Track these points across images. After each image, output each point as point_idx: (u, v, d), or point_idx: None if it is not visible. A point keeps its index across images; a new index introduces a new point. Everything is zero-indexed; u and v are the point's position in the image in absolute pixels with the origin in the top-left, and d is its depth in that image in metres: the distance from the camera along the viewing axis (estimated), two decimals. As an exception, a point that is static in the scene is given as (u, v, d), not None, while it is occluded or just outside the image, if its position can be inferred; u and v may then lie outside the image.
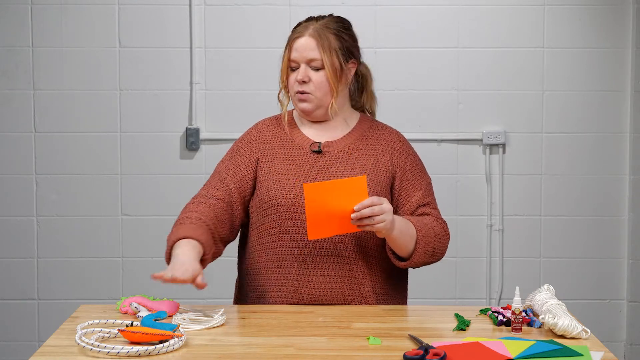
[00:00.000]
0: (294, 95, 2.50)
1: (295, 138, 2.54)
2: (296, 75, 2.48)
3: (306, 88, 2.47)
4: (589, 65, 4.05)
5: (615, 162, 4.08)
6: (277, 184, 2.46)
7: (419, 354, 1.95)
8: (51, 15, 4.01)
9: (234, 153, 2.57)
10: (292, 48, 2.48)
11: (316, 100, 2.49)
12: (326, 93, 2.49)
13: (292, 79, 2.49)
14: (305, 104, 2.49)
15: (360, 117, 2.60)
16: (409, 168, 2.53)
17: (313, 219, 2.24)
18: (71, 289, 4.09)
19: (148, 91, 4.05)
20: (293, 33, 2.51)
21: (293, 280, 2.43)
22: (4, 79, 4.03)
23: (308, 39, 2.47)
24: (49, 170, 4.06)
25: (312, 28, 2.49)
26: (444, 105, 4.06)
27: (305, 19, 2.55)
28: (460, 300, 4.10)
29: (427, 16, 4.03)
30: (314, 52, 2.47)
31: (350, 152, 2.51)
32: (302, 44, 2.47)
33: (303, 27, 2.50)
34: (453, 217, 4.07)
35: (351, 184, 2.26)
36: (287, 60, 2.49)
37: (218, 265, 4.12)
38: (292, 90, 2.50)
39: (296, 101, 2.51)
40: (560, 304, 2.21)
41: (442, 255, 2.50)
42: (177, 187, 4.06)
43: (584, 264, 4.12)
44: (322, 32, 2.49)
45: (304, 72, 2.47)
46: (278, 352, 2.01)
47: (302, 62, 2.47)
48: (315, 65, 2.47)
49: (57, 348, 2.03)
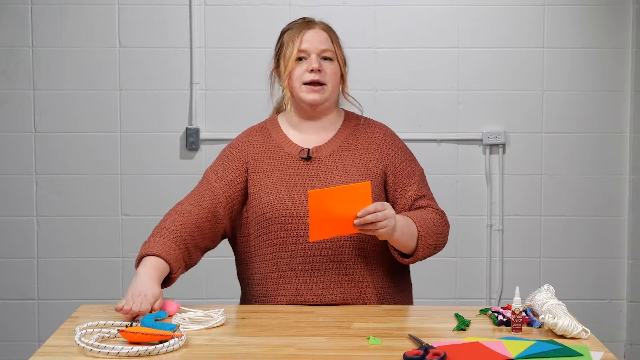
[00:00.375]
0: (299, 87, 2.46)
1: (284, 145, 2.51)
2: (306, 66, 2.45)
3: (321, 78, 2.45)
4: (589, 65, 4.05)
5: (615, 162, 4.08)
6: (271, 196, 2.44)
7: (419, 354, 1.95)
8: (51, 15, 4.01)
9: (222, 161, 2.54)
10: (303, 39, 2.45)
11: (328, 91, 2.46)
12: (336, 85, 2.49)
13: (299, 70, 2.46)
14: (316, 94, 2.45)
15: (345, 116, 2.58)
16: (400, 162, 2.52)
17: (316, 223, 2.24)
18: (71, 289, 4.09)
19: (148, 91, 4.05)
20: (296, 28, 2.48)
21: (294, 289, 2.42)
22: (4, 79, 4.03)
23: (319, 31, 2.47)
24: (49, 170, 4.06)
25: (318, 22, 2.50)
26: (444, 105, 4.06)
27: (298, 19, 2.55)
28: (460, 300, 4.10)
29: (427, 16, 4.03)
30: (327, 43, 2.46)
31: (339, 155, 2.49)
32: (314, 35, 2.46)
33: (306, 22, 2.49)
34: (453, 217, 4.07)
35: (355, 190, 2.26)
36: (296, 51, 2.44)
37: (218, 265, 4.13)
38: (299, 82, 2.46)
39: (304, 93, 2.46)
40: (560, 304, 2.20)
41: (444, 245, 2.52)
42: (177, 187, 4.05)
43: (584, 264, 4.12)
44: (329, 26, 2.51)
45: (318, 61, 2.45)
46: (278, 352, 2.01)
47: (313, 53, 2.45)
48: (328, 56, 2.46)
49: (57, 348, 2.03)
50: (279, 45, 2.52)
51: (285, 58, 2.46)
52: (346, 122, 2.55)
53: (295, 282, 2.42)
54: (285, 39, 2.49)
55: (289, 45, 2.46)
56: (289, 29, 2.51)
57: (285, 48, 2.47)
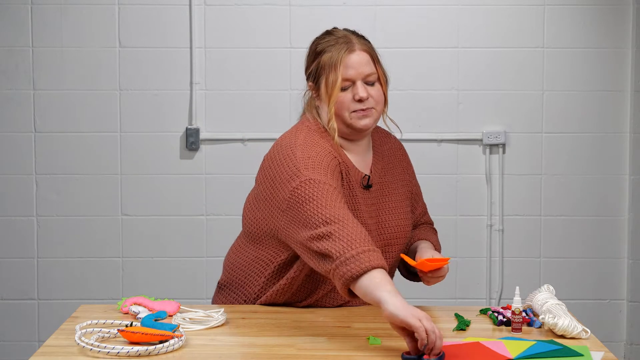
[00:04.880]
0: (348, 115, 2.35)
1: (350, 169, 2.39)
2: (352, 94, 2.34)
3: (369, 104, 2.35)
4: (589, 65, 4.05)
5: (615, 162, 4.08)
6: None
7: (418, 354, 1.95)
8: (51, 15, 4.01)
9: (324, 167, 2.29)
10: (347, 66, 2.33)
11: (376, 114, 2.38)
12: (382, 107, 2.41)
13: (346, 99, 2.34)
14: (367, 119, 2.36)
15: None
16: (414, 181, 2.61)
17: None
18: (71, 289, 4.09)
19: (148, 91, 4.05)
20: (337, 51, 2.34)
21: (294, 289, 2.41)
22: (4, 79, 4.03)
23: (361, 54, 2.36)
24: (49, 170, 4.06)
25: (355, 41, 2.38)
26: (444, 105, 4.06)
27: (325, 34, 2.43)
28: (460, 300, 4.10)
29: (427, 16, 4.03)
30: (370, 67, 2.36)
31: (386, 181, 2.48)
32: (356, 59, 2.35)
33: (345, 43, 2.36)
34: (453, 217, 4.07)
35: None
36: (340, 80, 2.33)
37: (218, 265, 4.13)
38: (348, 111, 2.35)
39: (354, 120, 2.35)
40: (560, 304, 2.21)
41: None
42: (177, 187, 4.06)
43: (584, 264, 4.12)
44: (366, 43, 2.41)
45: (365, 89, 2.35)
46: (278, 352, 2.01)
47: (358, 80, 2.35)
48: (371, 80, 2.36)
49: (57, 348, 2.03)
50: (317, 67, 2.38)
51: (329, 86, 2.34)
52: (371, 136, 2.52)
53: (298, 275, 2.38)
54: (325, 62, 2.36)
55: (331, 73, 2.34)
56: (325, 51, 2.37)
57: (327, 73, 2.35)
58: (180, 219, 4.07)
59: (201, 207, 4.05)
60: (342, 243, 2.10)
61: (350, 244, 2.09)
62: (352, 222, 2.15)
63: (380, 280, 2.04)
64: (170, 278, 4.08)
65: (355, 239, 2.10)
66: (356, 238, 2.10)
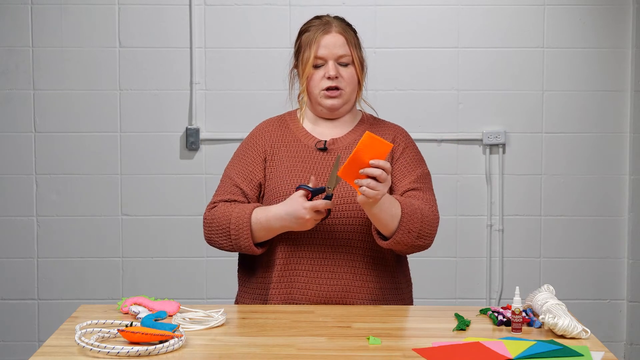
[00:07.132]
0: (318, 93, 2.49)
1: (301, 137, 2.55)
2: (324, 72, 2.48)
3: (338, 84, 2.48)
4: (589, 65, 4.05)
5: (615, 162, 4.08)
6: (284, 182, 2.47)
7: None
8: (51, 15, 4.01)
9: (241, 156, 2.56)
10: (320, 45, 2.47)
11: (346, 95, 2.50)
12: (354, 89, 2.52)
13: (317, 76, 2.49)
14: (334, 100, 2.50)
15: (363, 115, 2.62)
16: (405, 156, 2.55)
17: (352, 163, 2.26)
18: (71, 289, 4.09)
19: (148, 91, 4.05)
20: (313, 31, 2.49)
21: (297, 276, 2.43)
22: (4, 79, 4.03)
23: (336, 36, 2.49)
24: (49, 170, 4.06)
25: (335, 25, 2.50)
26: (444, 105, 4.06)
27: (314, 18, 2.55)
28: (460, 300, 4.10)
29: (427, 16, 4.03)
30: (344, 48, 2.48)
31: (354, 147, 2.50)
32: (331, 40, 2.48)
33: (323, 25, 2.50)
34: (453, 217, 4.07)
35: (381, 147, 2.26)
36: (313, 57, 2.47)
37: (218, 265, 4.13)
38: (318, 88, 2.49)
39: (322, 98, 2.50)
40: (560, 304, 2.20)
41: (430, 240, 2.43)
42: (177, 187, 4.06)
43: (584, 264, 4.12)
44: (345, 28, 2.52)
45: (335, 68, 2.47)
46: (278, 352, 2.01)
47: (330, 59, 2.47)
48: (344, 62, 2.49)
49: (57, 348, 2.03)
50: (298, 46, 2.54)
51: (303, 62, 2.50)
52: (363, 120, 2.60)
53: (301, 269, 2.42)
54: (303, 41, 2.51)
55: (306, 50, 2.49)
56: (306, 31, 2.53)
57: (303, 51, 2.50)
58: (180, 219, 4.07)
59: (201, 207, 4.04)
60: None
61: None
62: (220, 203, 2.48)
63: (262, 215, 2.39)
64: (170, 278, 4.08)
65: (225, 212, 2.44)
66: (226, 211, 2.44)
